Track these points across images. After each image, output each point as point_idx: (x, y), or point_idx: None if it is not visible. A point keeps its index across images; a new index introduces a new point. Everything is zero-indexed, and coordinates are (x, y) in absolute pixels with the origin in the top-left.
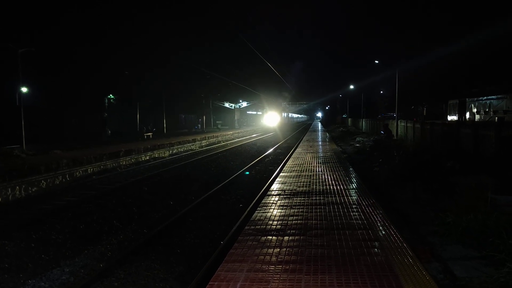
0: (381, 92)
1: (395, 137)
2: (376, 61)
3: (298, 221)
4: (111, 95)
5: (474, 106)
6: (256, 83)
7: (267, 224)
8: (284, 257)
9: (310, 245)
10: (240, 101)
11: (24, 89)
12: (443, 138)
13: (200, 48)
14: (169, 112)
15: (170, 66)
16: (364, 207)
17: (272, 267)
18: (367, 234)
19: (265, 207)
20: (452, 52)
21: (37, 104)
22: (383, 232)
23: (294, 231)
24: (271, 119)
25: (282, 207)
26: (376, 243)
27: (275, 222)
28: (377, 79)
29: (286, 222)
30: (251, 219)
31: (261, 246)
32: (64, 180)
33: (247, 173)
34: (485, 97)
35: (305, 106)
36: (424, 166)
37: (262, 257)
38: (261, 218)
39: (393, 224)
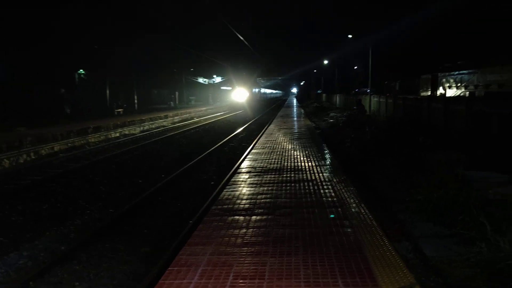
0: (355, 67)
1: (368, 112)
2: (349, 36)
3: (267, 200)
4: (81, 70)
5: (446, 81)
6: (226, 56)
7: (235, 203)
8: (250, 238)
9: (278, 225)
10: (214, 76)
11: None
12: (415, 113)
13: (171, 21)
14: (141, 88)
15: (142, 40)
16: (335, 184)
17: (237, 250)
18: (336, 212)
19: (234, 185)
20: (424, 24)
21: (4, 80)
22: (353, 210)
23: (262, 210)
24: (240, 95)
25: (251, 185)
26: (346, 222)
27: (243, 201)
28: (351, 54)
29: (254, 201)
30: (219, 198)
31: (227, 227)
32: (28, 158)
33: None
34: (457, 72)
35: (279, 81)
36: (395, 142)
37: (227, 239)
38: (229, 197)
39: (364, 202)
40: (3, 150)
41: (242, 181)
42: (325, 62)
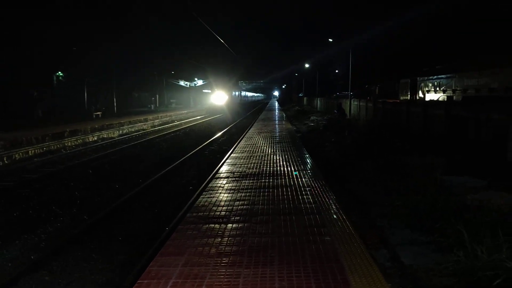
0: (337, 71)
1: (348, 116)
2: (330, 39)
3: (244, 207)
4: (59, 72)
5: (425, 85)
6: (206, 59)
7: (211, 210)
8: (224, 248)
9: (254, 233)
10: (196, 79)
11: None
12: (394, 117)
13: (152, 25)
14: (121, 91)
15: (123, 42)
16: (314, 189)
17: (211, 260)
18: (314, 219)
19: (211, 191)
20: (405, 28)
21: None
22: (332, 217)
23: (238, 217)
24: (220, 98)
25: (229, 191)
26: (323, 230)
27: (219, 208)
28: (332, 58)
29: (231, 207)
30: (195, 205)
31: (202, 235)
32: (1, 163)
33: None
34: (435, 76)
35: (261, 84)
36: (375, 146)
37: (201, 248)
38: (205, 204)
39: (342, 207)
40: None
41: (220, 186)
42: (306, 65)
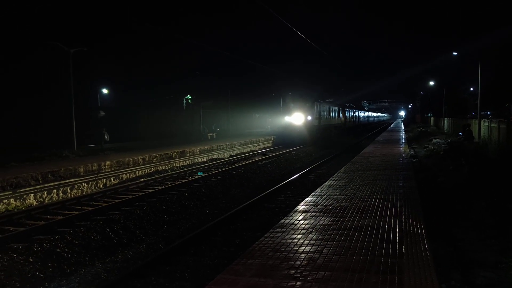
0: (471, 89)
1: (476, 139)
2: (455, 53)
3: (307, 255)
4: (188, 95)
5: None
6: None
7: (265, 257)
8: None
9: None
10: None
11: (104, 91)
12: None
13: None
14: (241, 112)
15: (243, 68)
16: (407, 235)
17: None
18: (391, 282)
19: (279, 229)
20: None
21: (117, 106)
22: (417, 280)
23: (293, 271)
24: (296, 118)
25: (299, 231)
26: None
27: (277, 255)
28: (464, 74)
29: (291, 255)
30: (250, 248)
31: None
32: (108, 183)
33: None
34: None
35: (386, 104)
36: (499, 181)
37: None
38: (263, 247)
39: (437, 265)
40: (80, 175)
41: (292, 223)
42: (431, 83)
